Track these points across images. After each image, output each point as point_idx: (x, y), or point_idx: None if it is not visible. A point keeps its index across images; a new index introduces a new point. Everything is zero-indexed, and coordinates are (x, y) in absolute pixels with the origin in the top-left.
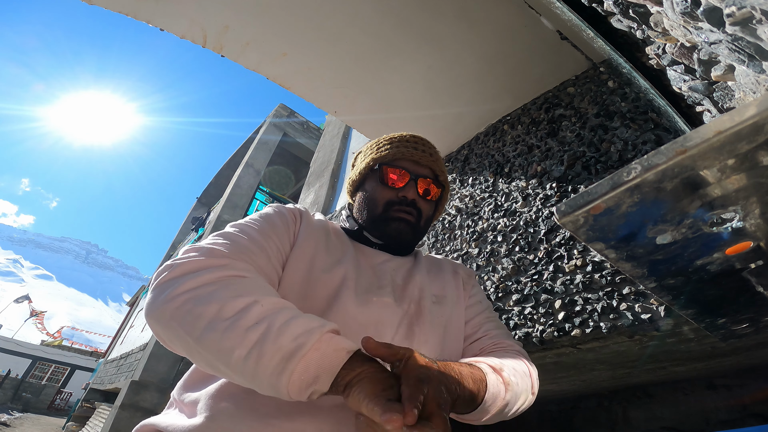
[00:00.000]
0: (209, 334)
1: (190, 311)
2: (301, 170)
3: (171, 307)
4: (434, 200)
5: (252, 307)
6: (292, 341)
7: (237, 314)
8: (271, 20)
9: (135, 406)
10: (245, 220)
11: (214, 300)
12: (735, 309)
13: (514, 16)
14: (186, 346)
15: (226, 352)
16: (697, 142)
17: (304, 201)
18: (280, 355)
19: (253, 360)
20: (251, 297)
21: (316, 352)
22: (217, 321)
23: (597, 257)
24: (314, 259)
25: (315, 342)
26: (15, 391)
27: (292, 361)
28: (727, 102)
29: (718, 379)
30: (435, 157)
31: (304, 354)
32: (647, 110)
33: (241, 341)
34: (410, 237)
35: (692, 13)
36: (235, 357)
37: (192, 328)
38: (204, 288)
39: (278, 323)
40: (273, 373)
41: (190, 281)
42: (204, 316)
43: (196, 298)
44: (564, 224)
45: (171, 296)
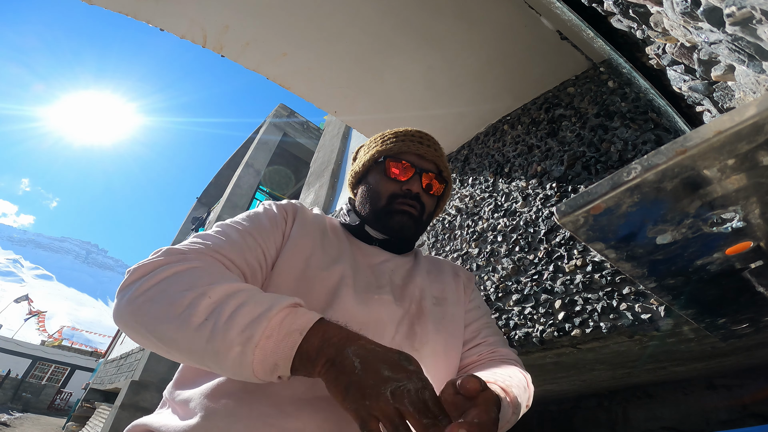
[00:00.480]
0: (168, 334)
1: (146, 312)
2: (301, 170)
3: (130, 310)
4: (437, 195)
5: (199, 301)
6: (239, 334)
7: (185, 310)
8: (271, 20)
9: (135, 406)
10: (231, 219)
11: (165, 297)
12: (735, 309)
13: (514, 16)
14: (155, 346)
15: (187, 350)
16: (697, 142)
17: (304, 201)
18: (234, 351)
19: (211, 357)
20: (198, 289)
21: (268, 340)
22: (170, 320)
23: (597, 257)
24: (311, 257)
25: (263, 330)
26: (15, 391)
27: (246, 354)
28: (727, 102)
29: (718, 379)
30: (439, 153)
31: (256, 344)
32: (647, 110)
33: (194, 339)
34: (412, 231)
35: (692, 13)
36: (196, 355)
37: (153, 329)
38: (157, 286)
39: (225, 316)
40: (235, 367)
41: (146, 282)
42: (159, 315)
43: (151, 298)
44: (564, 224)
45: (130, 299)
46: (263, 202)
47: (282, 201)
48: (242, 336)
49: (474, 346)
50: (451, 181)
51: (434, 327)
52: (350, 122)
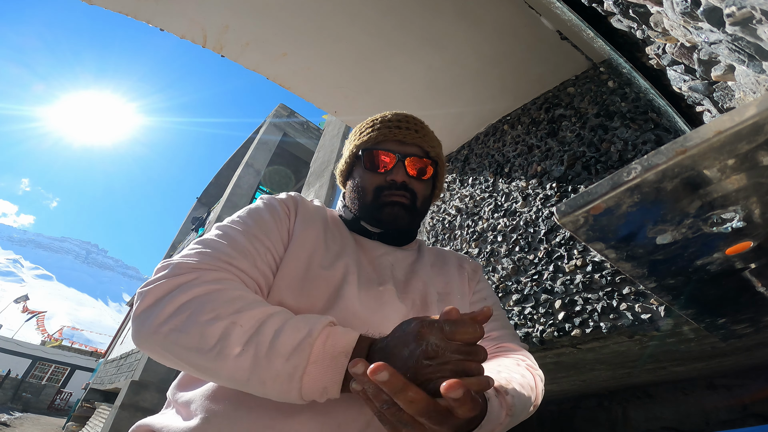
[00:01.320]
0: (204, 364)
1: (175, 342)
2: (301, 170)
3: (156, 340)
4: (428, 178)
5: (231, 332)
6: (285, 363)
7: (219, 343)
8: (271, 20)
9: (135, 406)
10: (231, 218)
11: (193, 327)
12: (735, 309)
13: (514, 16)
14: (188, 370)
15: (229, 378)
16: (697, 142)
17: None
18: (281, 379)
19: (256, 385)
20: (227, 318)
21: (314, 366)
22: (203, 352)
23: (597, 257)
24: (313, 255)
25: (309, 357)
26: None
27: (294, 382)
28: (727, 102)
29: (718, 379)
30: (422, 133)
31: (303, 373)
32: (647, 110)
33: (236, 370)
34: (407, 220)
35: (692, 13)
36: (239, 382)
37: (186, 359)
38: (180, 313)
39: (265, 345)
40: (282, 394)
41: (166, 307)
42: (190, 347)
43: (177, 328)
44: (564, 224)
45: (154, 328)
46: (262, 196)
47: (281, 195)
48: (288, 365)
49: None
50: (442, 159)
51: None
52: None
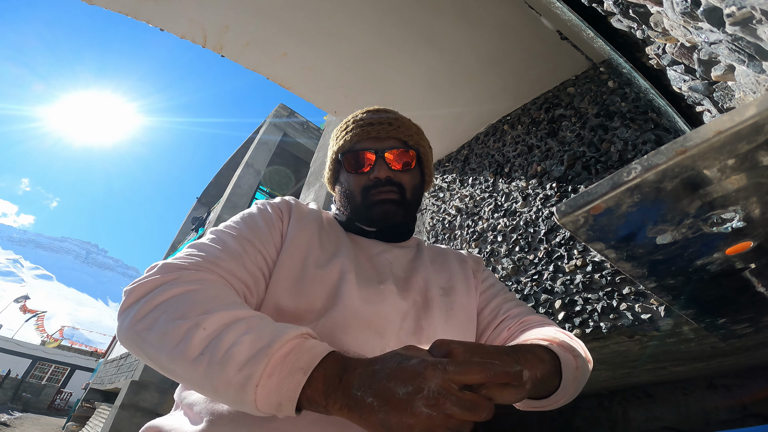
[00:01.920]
0: (167, 365)
1: (145, 340)
2: (301, 170)
3: (131, 336)
4: (413, 168)
5: (192, 333)
6: (237, 372)
7: (179, 344)
8: (271, 20)
9: (135, 406)
10: (225, 223)
11: (161, 326)
12: (735, 309)
13: (514, 15)
14: (159, 371)
15: (188, 381)
16: (697, 142)
17: (303, 201)
18: (233, 389)
19: (210, 392)
20: (192, 319)
21: (269, 378)
22: (166, 352)
23: (597, 257)
24: (308, 256)
25: (263, 368)
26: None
27: (247, 393)
28: (727, 102)
29: (718, 379)
30: (397, 124)
31: (256, 384)
32: (647, 110)
33: (191, 374)
34: (400, 216)
35: (692, 13)
36: (197, 387)
37: (153, 357)
38: (153, 312)
39: (221, 352)
40: (237, 404)
41: (144, 305)
42: (156, 345)
43: (149, 326)
44: (564, 224)
45: (131, 324)
46: (257, 202)
47: (275, 199)
48: (240, 375)
49: (499, 323)
50: (423, 145)
51: (443, 318)
52: None
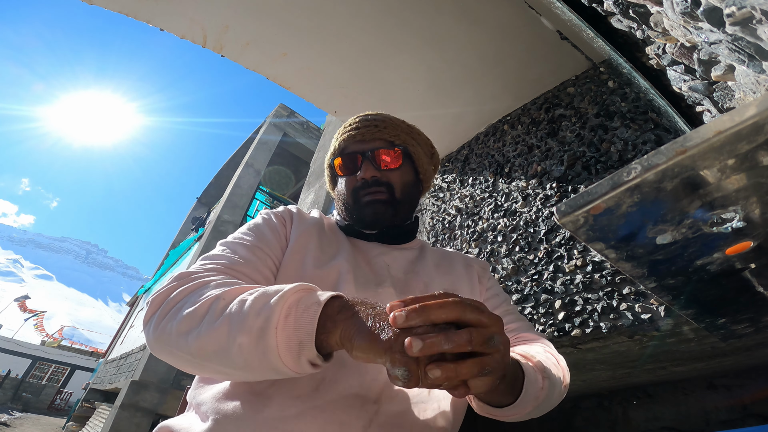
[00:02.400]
0: (194, 344)
1: (170, 332)
2: (301, 170)
3: (156, 337)
4: (400, 165)
5: (214, 304)
6: (256, 317)
7: (204, 318)
8: (271, 20)
9: (135, 406)
10: (233, 235)
11: (184, 313)
12: (735, 309)
13: (514, 16)
14: (191, 363)
15: (216, 354)
16: (697, 142)
17: (304, 201)
18: (255, 336)
19: (238, 352)
20: (211, 296)
21: (287, 319)
22: (192, 330)
23: (597, 257)
24: (307, 257)
25: (280, 309)
26: (15, 391)
27: (269, 338)
28: (727, 102)
29: (718, 379)
30: (383, 125)
31: (275, 326)
32: (647, 110)
33: (218, 339)
34: (389, 214)
35: (692, 13)
36: (225, 355)
37: (180, 346)
38: (174, 308)
39: (241, 307)
40: (263, 359)
41: (164, 307)
42: (181, 331)
43: (171, 318)
44: (564, 224)
45: (155, 327)
46: (261, 212)
47: (279, 208)
48: (259, 319)
49: None
50: (412, 142)
51: None
52: None
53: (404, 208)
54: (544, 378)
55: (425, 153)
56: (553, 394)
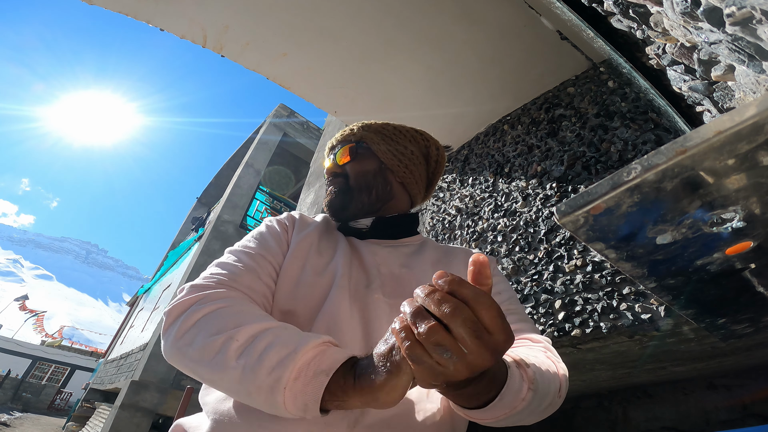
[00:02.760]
0: (207, 376)
1: (186, 355)
2: (301, 170)
3: (174, 353)
4: (356, 158)
5: (228, 346)
6: (268, 375)
7: (217, 355)
8: (271, 20)
9: (135, 406)
10: (240, 242)
11: (199, 341)
12: (735, 309)
13: (514, 16)
14: (202, 381)
15: (226, 389)
16: (697, 142)
17: (304, 201)
18: (264, 392)
19: (245, 396)
20: (226, 333)
21: (296, 381)
22: (205, 364)
23: (597, 257)
24: (307, 262)
25: (290, 371)
26: (15, 391)
27: (277, 395)
28: (727, 102)
29: (718, 379)
30: (348, 130)
31: (284, 386)
32: (647, 110)
33: (229, 381)
34: (340, 199)
35: (692, 13)
36: (234, 393)
37: (195, 370)
38: (192, 330)
39: (254, 358)
40: (270, 407)
41: (182, 324)
42: (196, 359)
43: (188, 342)
44: (564, 224)
45: (173, 342)
46: (265, 219)
47: (282, 214)
48: (270, 378)
49: None
50: (369, 137)
51: None
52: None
53: (363, 194)
54: (529, 389)
55: (390, 141)
56: (539, 404)
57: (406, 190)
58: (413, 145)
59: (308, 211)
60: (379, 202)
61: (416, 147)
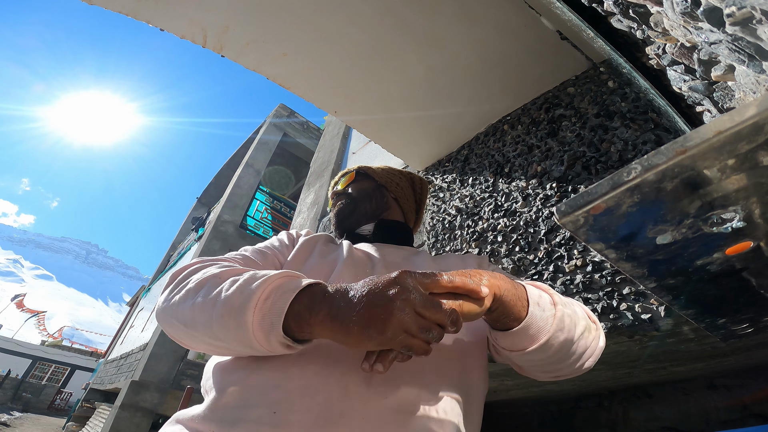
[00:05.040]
0: (189, 314)
1: (174, 303)
2: (301, 170)
3: (165, 310)
4: (355, 181)
5: (211, 281)
6: (239, 295)
7: (201, 291)
8: (271, 20)
9: (135, 406)
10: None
11: (185, 287)
12: (735, 309)
13: (514, 16)
14: (185, 334)
15: (203, 324)
16: (697, 142)
17: (304, 201)
18: (235, 312)
19: (218, 323)
20: (210, 273)
21: (265, 301)
22: (189, 300)
23: (597, 257)
24: (312, 253)
25: (261, 291)
26: (15, 391)
27: (246, 314)
28: (727, 102)
29: (718, 379)
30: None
31: (254, 305)
32: (647, 110)
33: (206, 310)
34: (350, 207)
35: (692, 13)
36: (209, 325)
37: (177, 315)
38: (183, 284)
39: (228, 284)
40: (237, 332)
41: (175, 284)
42: (181, 301)
43: (177, 292)
44: (564, 224)
45: (165, 302)
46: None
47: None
48: (242, 296)
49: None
50: (366, 168)
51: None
52: (350, 122)
53: (365, 203)
54: (556, 306)
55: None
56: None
57: (399, 205)
58: (400, 175)
59: (308, 211)
60: (378, 210)
61: (403, 176)
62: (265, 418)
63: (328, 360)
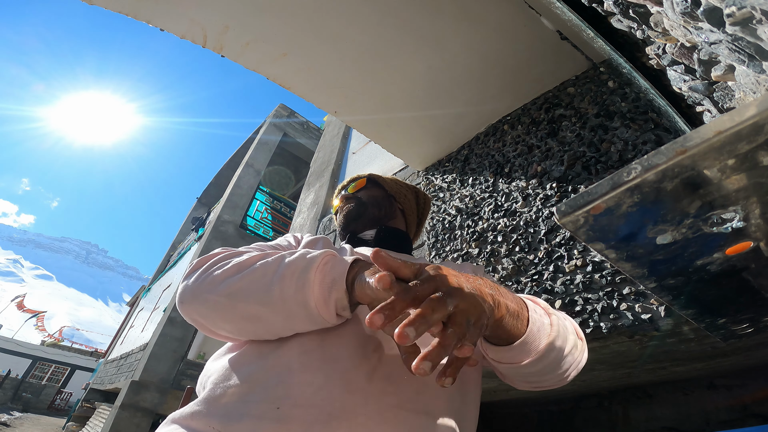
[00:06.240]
0: (238, 283)
1: (214, 278)
2: (301, 170)
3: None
4: (364, 187)
5: (263, 256)
6: (302, 260)
7: (257, 263)
8: (271, 20)
9: (135, 406)
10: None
11: (228, 264)
12: (735, 309)
13: (514, 16)
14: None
15: (256, 290)
16: (697, 142)
17: (304, 201)
18: (298, 272)
19: (279, 285)
20: (258, 252)
21: (326, 265)
22: (237, 274)
23: (597, 257)
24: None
25: (323, 255)
26: (15, 391)
27: (309, 272)
28: (727, 102)
29: (718, 379)
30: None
31: (317, 267)
32: (647, 110)
33: (264, 274)
34: (359, 210)
35: (692, 13)
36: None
37: (221, 289)
38: (223, 262)
39: (287, 254)
40: (297, 292)
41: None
42: (229, 274)
43: (219, 269)
44: (564, 224)
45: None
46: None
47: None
48: (305, 260)
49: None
50: (376, 177)
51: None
52: (350, 122)
53: (374, 208)
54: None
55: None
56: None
57: (404, 216)
58: (407, 188)
59: (308, 211)
60: (385, 218)
61: (408, 189)
62: (268, 413)
63: (331, 357)
